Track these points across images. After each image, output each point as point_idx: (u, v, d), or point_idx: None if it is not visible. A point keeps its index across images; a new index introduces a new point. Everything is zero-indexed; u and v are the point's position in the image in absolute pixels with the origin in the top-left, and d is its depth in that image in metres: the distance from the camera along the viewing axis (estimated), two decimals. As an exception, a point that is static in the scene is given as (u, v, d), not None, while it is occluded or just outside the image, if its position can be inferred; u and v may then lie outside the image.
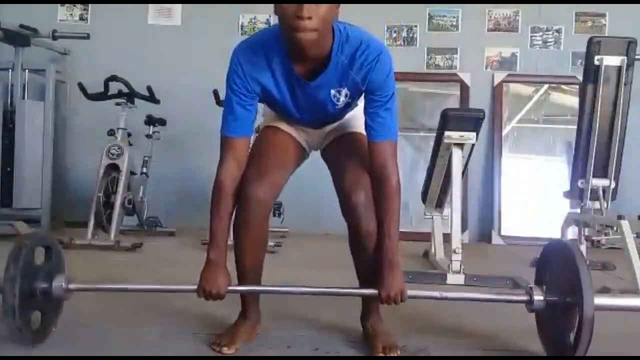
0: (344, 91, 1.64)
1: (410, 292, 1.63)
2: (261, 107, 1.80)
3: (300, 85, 1.62)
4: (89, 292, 1.81)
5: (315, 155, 1.97)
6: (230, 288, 1.63)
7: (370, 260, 1.66)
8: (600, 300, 1.53)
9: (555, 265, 1.64)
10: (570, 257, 1.55)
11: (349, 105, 1.72)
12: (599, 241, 3.15)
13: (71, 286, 1.68)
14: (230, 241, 1.66)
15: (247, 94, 1.62)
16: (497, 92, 4.90)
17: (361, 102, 1.73)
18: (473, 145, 3.03)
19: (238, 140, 1.65)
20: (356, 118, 1.79)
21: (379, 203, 1.63)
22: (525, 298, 1.64)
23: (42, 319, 1.67)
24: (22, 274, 1.55)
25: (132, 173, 4.06)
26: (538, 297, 1.62)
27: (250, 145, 1.73)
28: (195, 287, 1.62)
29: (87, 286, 1.75)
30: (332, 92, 1.64)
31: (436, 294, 1.73)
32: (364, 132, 1.70)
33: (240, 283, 1.73)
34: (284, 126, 1.82)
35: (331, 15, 1.48)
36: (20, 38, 4.15)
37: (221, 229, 1.63)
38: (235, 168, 1.63)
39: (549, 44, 4.92)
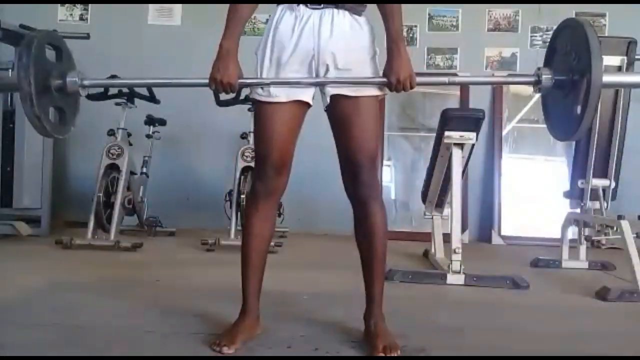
0: None
1: (419, 79, 1.62)
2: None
3: None
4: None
5: (315, 156, 1.97)
6: (240, 81, 1.64)
7: (373, 247, 1.69)
8: (607, 77, 1.53)
9: (565, 42, 1.64)
10: (580, 30, 1.54)
11: None
12: (599, 241, 3.15)
13: (85, 82, 1.70)
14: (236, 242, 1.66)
15: None
16: (497, 92, 4.90)
17: (370, 43, 1.71)
18: (473, 145, 3.03)
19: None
20: (368, 64, 1.71)
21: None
22: (533, 79, 1.65)
23: (60, 115, 1.71)
24: (36, 64, 1.56)
25: (132, 173, 4.05)
26: (546, 76, 1.62)
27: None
28: (206, 80, 1.65)
29: (100, 81, 1.84)
30: None
31: (444, 79, 1.75)
32: (371, 91, 1.67)
33: (245, 276, 1.76)
34: (277, 91, 1.68)
35: None
36: (20, 38, 4.14)
37: (237, 17, 1.66)
38: None
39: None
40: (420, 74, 5.31)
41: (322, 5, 1.66)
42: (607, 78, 1.52)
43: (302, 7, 1.67)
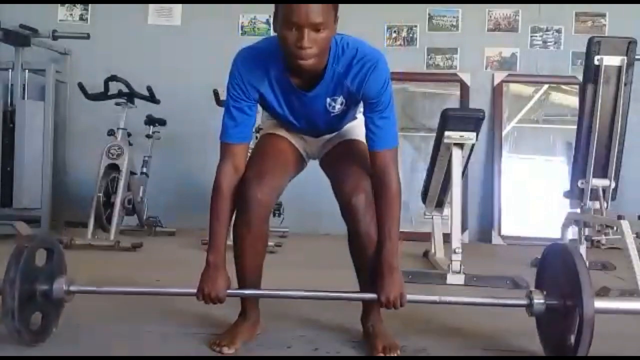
0: (339, 99, 1.66)
1: (409, 297, 1.62)
2: (260, 117, 1.80)
3: (297, 95, 1.66)
4: (92, 294, 1.81)
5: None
6: (229, 292, 1.63)
7: (370, 263, 1.66)
8: (601, 303, 1.53)
9: (555, 269, 1.64)
10: (570, 260, 1.55)
11: (345, 115, 1.74)
12: (599, 241, 3.15)
13: (72, 288, 1.68)
14: (230, 242, 1.66)
15: (246, 100, 1.65)
16: (497, 92, 4.90)
17: (362, 115, 1.74)
18: (473, 145, 3.03)
19: (236, 146, 1.67)
20: (356, 127, 1.80)
21: (380, 208, 1.64)
22: (525, 302, 1.64)
23: (43, 320, 1.67)
24: (22, 276, 1.55)
25: (132, 173, 4.06)
26: (538, 300, 1.62)
27: (250, 152, 1.75)
28: (194, 290, 1.63)
29: (87, 288, 1.75)
30: (328, 100, 1.66)
31: (435, 298, 1.74)
32: (363, 140, 1.72)
33: (240, 285, 1.73)
34: (283, 133, 1.83)
35: (330, 37, 1.52)
36: (20, 38, 4.16)
37: (220, 231, 1.65)
38: (234, 173, 1.66)
39: (549, 44, 4.93)
40: (421, 74, 5.28)
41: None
42: (600, 304, 1.51)
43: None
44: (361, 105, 1.72)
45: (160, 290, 1.90)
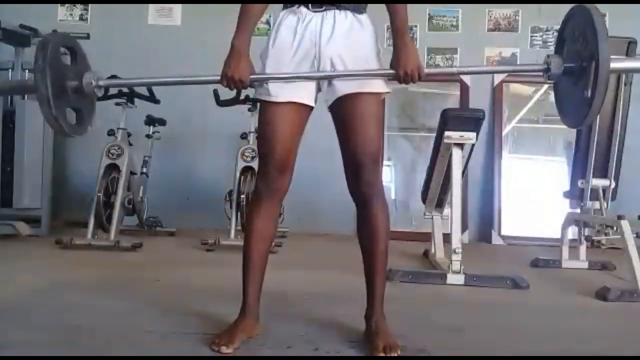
0: None
1: (427, 71, 1.61)
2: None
3: None
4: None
5: (315, 156, 1.97)
6: (252, 76, 1.65)
7: (375, 246, 1.70)
8: (616, 63, 1.56)
9: (573, 31, 1.66)
10: (587, 16, 1.56)
11: None
12: (599, 241, 3.15)
13: (101, 82, 1.72)
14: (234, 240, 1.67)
15: None
16: (497, 92, 4.90)
17: (372, 41, 1.75)
18: (473, 145, 3.03)
19: None
20: (370, 57, 1.73)
21: None
22: (543, 67, 1.65)
23: (77, 116, 1.72)
24: (51, 67, 1.58)
25: (132, 173, 4.06)
26: (556, 64, 1.63)
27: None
28: (218, 77, 1.65)
29: (117, 81, 1.87)
30: None
31: (454, 69, 1.75)
32: (374, 88, 1.69)
33: (246, 276, 1.76)
34: (281, 90, 1.70)
35: None
36: (20, 38, 4.15)
37: (248, 16, 1.67)
38: None
39: (549, 44, 4.92)
40: (420, 74, 5.16)
41: (323, 7, 1.68)
42: (615, 64, 1.54)
43: (303, 9, 1.68)
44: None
45: (183, 79, 1.91)
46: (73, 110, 1.70)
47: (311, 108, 1.74)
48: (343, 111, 1.70)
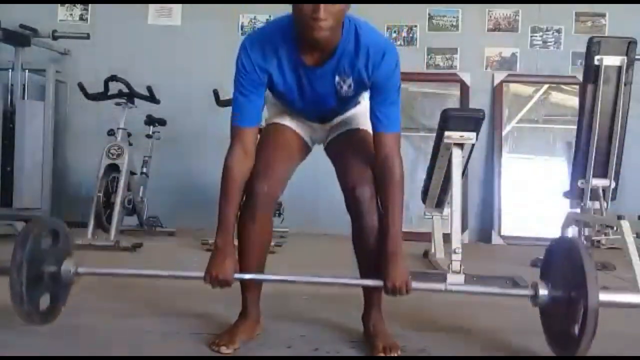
0: (349, 81, 1.67)
1: (415, 285, 1.62)
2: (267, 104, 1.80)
3: (306, 72, 1.66)
4: (97, 276, 1.83)
5: (315, 157, 1.97)
6: (237, 275, 1.64)
7: (373, 255, 1.68)
8: (605, 296, 1.53)
9: (561, 261, 1.64)
10: (576, 253, 1.55)
11: (352, 99, 1.76)
12: (599, 241, 3.15)
13: (80, 270, 1.71)
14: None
15: (255, 83, 1.66)
16: (497, 92, 4.90)
17: (365, 101, 1.76)
18: (473, 145, 3.03)
19: (246, 130, 1.69)
20: (361, 115, 1.81)
21: (383, 193, 1.66)
22: (530, 293, 1.65)
23: (52, 300, 1.71)
24: (29, 260, 1.57)
25: (132, 173, 4.06)
26: (543, 292, 1.62)
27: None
28: (202, 273, 1.64)
29: (95, 270, 1.78)
30: (337, 79, 1.67)
31: (441, 286, 1.73)
32: (369, 129, 1.73)
33: (243, 281, 1.74)
34: (288, 121, 1.85)
35: (345, 11, 1.55)
36: (20, 38, 4.16)
37: (230, 214, 1.65)
38: (243, 156, 1.67)
39: (549, 44, 4.93)
40: (421, 74, 5.28)
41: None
42: (604, 297, 1.50)
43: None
44: (367, 92, 1.74)
45: (167, 274, 1.89)
46: (48, 294, 1.68)
47: (310, 149, 1.89)
48: (337, 145, 1.84)
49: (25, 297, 1.56)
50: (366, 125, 1.75)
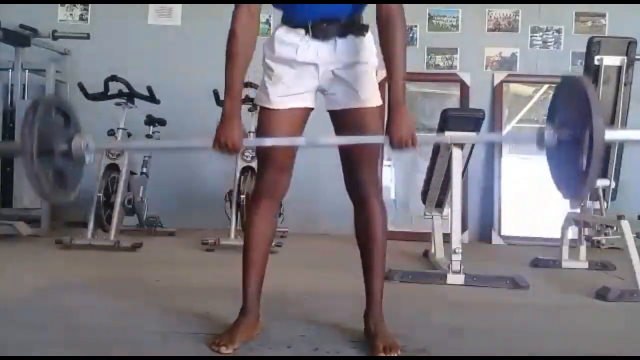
0: None
1: (419, 135, 1.61)
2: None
3: None
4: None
5: (315, 157, 1.97)
6: (245, 142, 1.66)
7: (375, 240, 1.70)
8: (611, 133, 1.52)
9: (566, 101, 1.63)
10: (579, 86, 1.53)
11: None
12: (599, 241, 3.15)
13: (90, 146, 1.69)
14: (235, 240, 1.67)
15: None
16: (497, 92, 4.90)
17: (372, 58, 1.74)
18: (473, 145, 3.03)
19: None
20: (369, 81, 1.75)
21: (383, 35, 1.64)
22: (536, 137, 1.64)
23: (62, 180, 1.67)
24: (41, 125, 1.54)
25: (132, 173, 4.05)
26: (549, 134, 1.61)
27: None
28: (210, 142, 1.64)
29: (111, 145, 1.75)
30: None
31: (447, 138, 1.73)
32: (373, 102, 1.72)
33: (246, 275, 1.76)
34: (285, 92, 1.72)
35: None
36: (20, 38, 4.16)
37: (237, 76, 1.65)
38: (249, 18, 1.66)
39: (549, 44, 4.92)
40: (421, 74, 5.28)
41: (322, 39, 1.69)
42: (609, 135, 1.50)
43: (305, 36, 1.69)
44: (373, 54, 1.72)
45: (175, 145, 1.86)
46: (58, 174, 1.64)
47: (311, 109, 1.76)
48: (343, 122, 1.74)
49: (36, 159, 1.51)
50: (374, 100, 1.73)
